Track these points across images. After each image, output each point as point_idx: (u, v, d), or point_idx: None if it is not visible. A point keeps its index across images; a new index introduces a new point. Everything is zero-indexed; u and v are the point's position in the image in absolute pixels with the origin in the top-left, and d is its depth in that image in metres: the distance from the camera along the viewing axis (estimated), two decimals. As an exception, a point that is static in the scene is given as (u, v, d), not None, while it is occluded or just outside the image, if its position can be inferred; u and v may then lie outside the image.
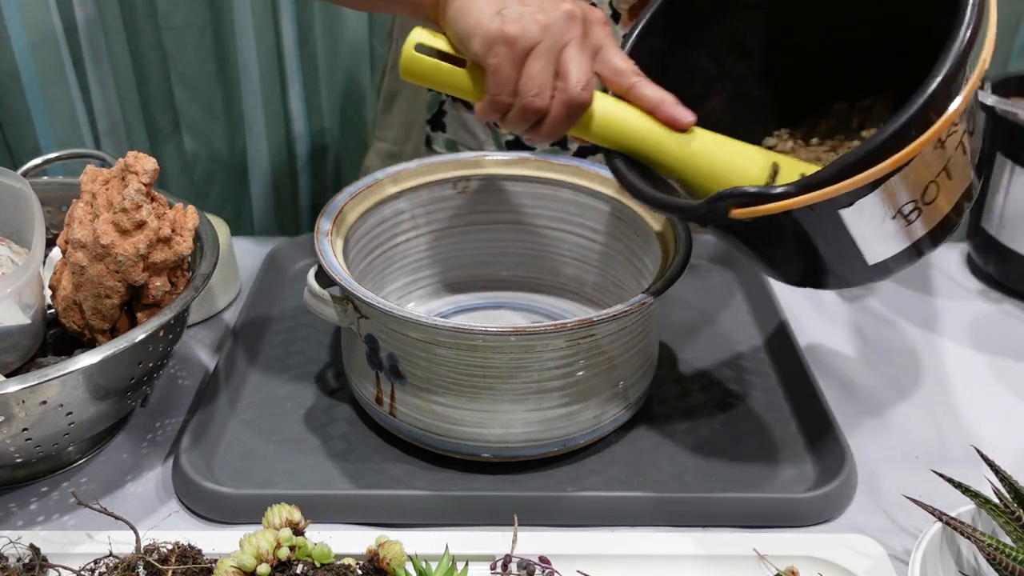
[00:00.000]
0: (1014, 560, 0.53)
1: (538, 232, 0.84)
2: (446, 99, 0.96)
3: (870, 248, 0.56)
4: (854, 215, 0.53)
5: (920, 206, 0.55)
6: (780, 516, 0.64)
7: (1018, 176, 0.89)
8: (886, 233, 0.55)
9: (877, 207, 0.53)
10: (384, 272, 0.80)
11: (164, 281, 0.67)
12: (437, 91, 0.95)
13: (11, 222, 0.71)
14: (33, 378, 0.57)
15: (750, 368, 0.81)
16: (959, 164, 0.55)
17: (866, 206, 0.53)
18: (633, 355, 0.68)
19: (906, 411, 0.77)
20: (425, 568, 0.54)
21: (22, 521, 0.64)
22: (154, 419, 0.74)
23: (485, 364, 0.63)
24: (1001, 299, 0.94)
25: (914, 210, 0.55)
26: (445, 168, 0.81)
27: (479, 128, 0.96)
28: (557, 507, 0.64)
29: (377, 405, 0.69)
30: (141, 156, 0.65)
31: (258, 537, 0.52)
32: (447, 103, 0.96)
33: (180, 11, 1.19)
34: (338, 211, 0.73)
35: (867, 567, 0.59)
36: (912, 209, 0.55)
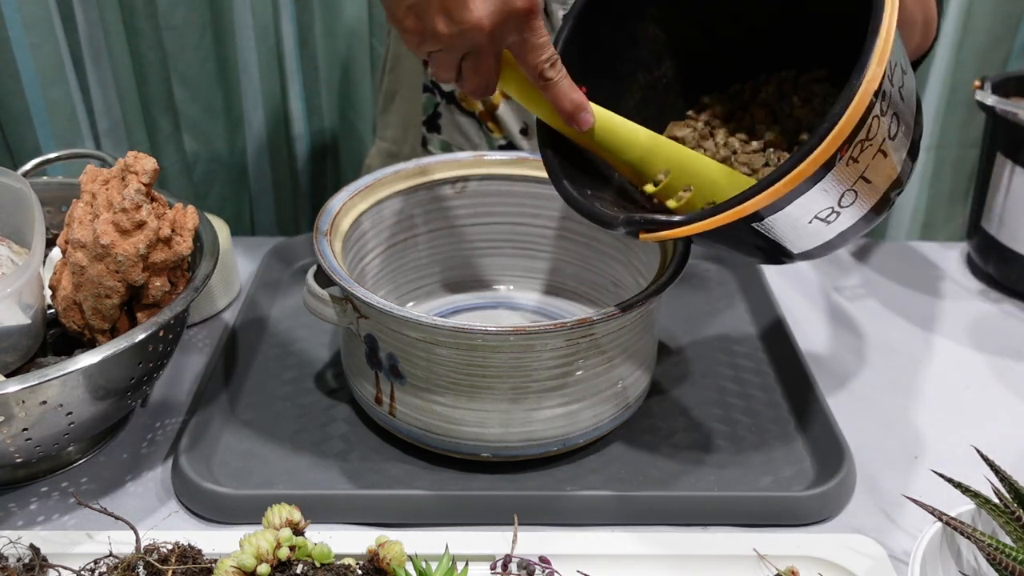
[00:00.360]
0: (1014, 560, 0.53)
1: (537, 232, 0.84)
2: (440, 101, 0.96)
3: (794, 244, 0.58)
4: (767, 224, 0.55)
5: (837, 210, 0.56)
6: (779, 515, 0.64)
7: (1018, 176, 0.89)
8: (807, 233, 0.57)
9: (789, 219, 0.55)
10: (383, 272, 0.81)
11: (164, 281, 0.67)
12: (432, 93, 0.96)
13: (11, 222, 0.71)
14: (33, 378, 0.57)
15: (749, 367, 0.81)
16: (878, 168, 0.55)
17: (777, 220, 0.55)
18: (632, 354, 0.68)
19: (906, 411, 0.77)
20: (425, 568, 0.54)
21: (22, 521, 0.64)
22: (154, 419, 0.74)
23: (484, 364, 0.63)
24: (1001, 299, 0.94)
25: (831, 214, 0.56)
26: (444, 168, 0.81)
27: (473, 131, 0.96)
28: (557, 507, 0.64)
29: (376, 405, 0.69)
30: (141, 156, 0.65)
31: (258, 537, 0.52)
32: (441, 105, 0.97)
33: (180, 11, 1.19)
34: (337, 211, 0.73)
35: (867, 567, 0.59)
36: (829, 213, 0.56)
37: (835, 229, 0.58)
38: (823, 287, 0.94)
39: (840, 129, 0.51)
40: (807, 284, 0.95)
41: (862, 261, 1.00)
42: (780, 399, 0.77)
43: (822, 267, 0.98)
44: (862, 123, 0.51)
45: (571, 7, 0.66)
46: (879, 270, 0.98)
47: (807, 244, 0.59)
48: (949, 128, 1.38)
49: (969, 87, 1.30)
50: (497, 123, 0.94)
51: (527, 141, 0.94)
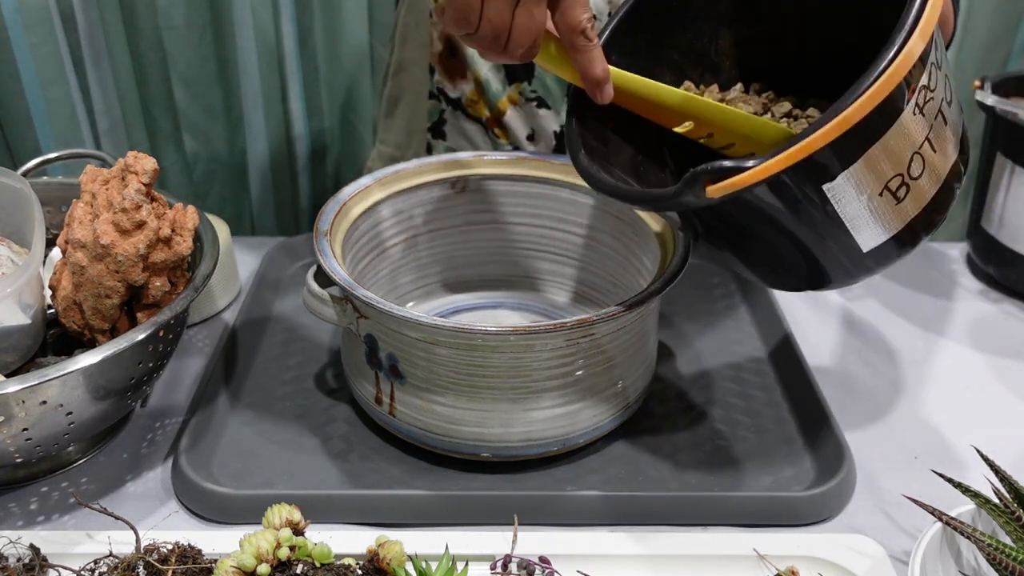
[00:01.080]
0: (1014, 560, 0.53)
1: (537, 232, 0.84)
2: (446, 108, 0.96)
3: (862, 231, 0.54)
4: (840, 190, 0.51)
5: (907, 181, 0.53)
6: (779, 515, 0.64)
7: (1018, 176, 0.89)
8: (876, 212, 0.53)
9: (863, 181, 0.51)
10: (383, 272, 0.81)
11: (164, 281, 0.67)
12: (437, 100, 0.96)
13: (11, 222, 0.71)
14: (33, 378, 0.57)
15: (749, 367, 0.81)
16: (942, 136, 0.53)
17: (851, 179, 0.51)
18: (632, 354, 0.68)
19: (906, 411, 0.77)
20: (425, 568, 0.54)
21: (22, 521, 0.64)
22: (154, 419, 0.74)
23: (484, 364, 0.63)
24: (1001, 299, 0.94)
25: (901, 185, 0.52)
26: (444, 168, 0.81)
27: (479, 137, 0.96)
28: (557, 507, 0.64)
29: (376, 405, 0.69)
30: (141, 156, 0.65)
31: (258, 537, 0.52)
32: (447, 112, 0.97)
33: (180, 11, 1.19)
34: (337, 211, 0.73)
35: (867, 567, 0.59)
36: (899, 184, 0.52)
37: (904, 215, 0.54)
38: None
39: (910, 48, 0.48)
40: (807, 284, 0.95)
41: (862, 261, 1.00)
42: (780, 399, 0.77)
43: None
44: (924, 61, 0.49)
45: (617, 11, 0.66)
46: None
47: (874, 235, 0.54)
48: (949, 128, 1.38)
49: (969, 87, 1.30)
50: (504, 129, 0.95)
51: (534, 147, 0.95)
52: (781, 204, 0.52)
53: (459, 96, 0.95)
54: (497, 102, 0.92)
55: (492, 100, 0.93)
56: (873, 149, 0.50)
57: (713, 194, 0.50)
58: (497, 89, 0.92)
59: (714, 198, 0.50)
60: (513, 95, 0.92)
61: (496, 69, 0.91)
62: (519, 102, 0.92)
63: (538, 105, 0.92)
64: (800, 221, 0.53)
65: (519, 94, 0.92)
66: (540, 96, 0.92)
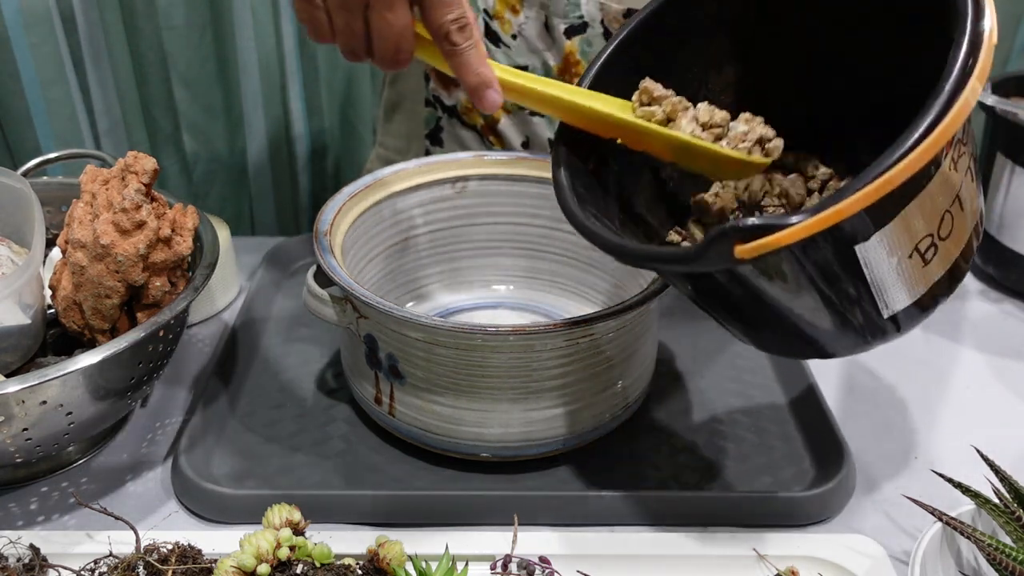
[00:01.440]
0: (1014, 560, 0.53)
1: (537, 232, 0.84)
2: (442, 115, 0.96)
3: (886, 294, 0.50)
4: (871, 251, 0.47)
5: (936, 241, 0.49)
6: (778, 515, 0.64)
7: (1018, 176, 0.89)
8: (903, 275, 0.49)
9: (895, 242, 0.47)
10: (383, 272, 0.80)
11: (164, 281, 0.67)
12: (433, 107, 0.96)
13: (11, 222, 0.71)
14: (33, 378, 0.57)
15: (748, 367, 0.81)
16: (969, 191, 0.51)
17: (883, 240, 0.47)
18: (632, 355, 0.68)
19: (906, 411, 0.77)
20: (425, 568, 0.54)
21: (22, 521, 0.64)
22: (154, 419, 0.74)
23: (484, 364, 0.63)
24: (1001, 299, 0.94)
25: (931, 247, 0.49)
26: (444, 168, 0.81)
27: (475, 145, 0.96)
28: (557, 507, 0.64)
29: (376, 405, 0.69)
30: (141, 156, 0.65)
31: (258, 537, 0.52)
32: (443, 119, 0.97)
33: (180, 11, 1.19)
34: (337, 211, 0.73)
35: (867, 567, 0.59)
36: (929, 245, 0.49)
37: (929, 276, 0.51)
38: (823, 287, 0.94)
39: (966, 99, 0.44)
40: (807, 284, 0.95)
41: (862, 261, 1.00)
42: (780, 399, 0.77)
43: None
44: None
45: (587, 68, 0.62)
46: (879, 270, 0.98)
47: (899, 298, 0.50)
48: (949, 128, 1.38)
49: (969, 87, 1.30)
50: (499, 137, 0.95)
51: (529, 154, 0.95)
52: (810, 266, 0.47)
53: (454, 104, 0.95)
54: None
55: None
56: (910, 207, 0.47)
57: (743, 255, 0.44)
58: None
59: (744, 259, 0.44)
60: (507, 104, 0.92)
61: None
62: (513, 110, 0.92)
63: (531, 113, 0.92)
64: (826, 285, 0.49)
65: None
66: None
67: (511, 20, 0.88)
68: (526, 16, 0.87)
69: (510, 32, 0.89)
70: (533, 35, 0.88)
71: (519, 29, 0.88)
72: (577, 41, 0.87)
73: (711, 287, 0.52)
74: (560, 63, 0.89)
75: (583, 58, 0.88)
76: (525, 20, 0.87)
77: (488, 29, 0.89)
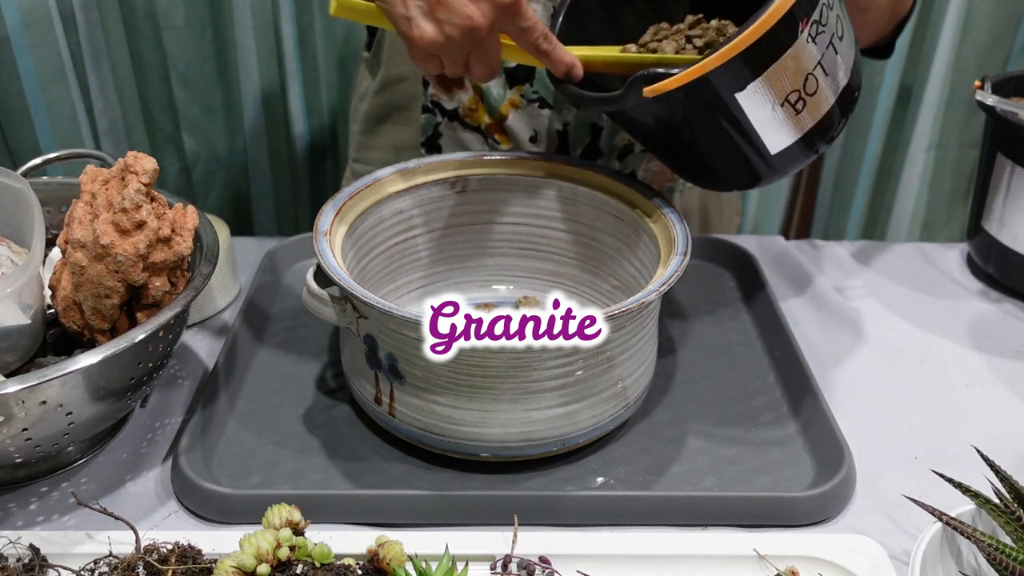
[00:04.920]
0: (1014, 560, 0.53)
1: (537, 232, 0.84)
2: (441, 120, 0.96)
3: (769, 135, 0.67)
4: (748, 99, 0.64)
5: (803, 96, 0.66)
6: (779, 515, 0.64)
7: (1018, 176, 0.89)
8: (779, 120, 0.66)
9: (766, 92, 0.64)
10: (383, 272, 0.80)
11: (164, 281, 0.67)
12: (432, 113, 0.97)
13: (11, 222, 0.71)
14: (33, 378, 0.57)
15: (749, 368, 0.81)
16: (832, 62, 0.67)
17: (758, 89, 0.64)
18: (632, 355, 0.68)
19: (906, 411, 0.77)
20: (425, 568, 0.54)
21: (22, 521, 0.64)
22: (154, 419, 0.74)
23: (484, 364, 0.63)
24: (1001, 299, 0.94)
25: (799, 100, 0.66)
26: (444, 168, 0.81)
27: (477, 146, 0.96)
28: (557, 507, 0.64)
29: (376, 405, 0.69)
30: (141, 156, 0.65)
31: (258, 537, 0.52)
32: (443, 124, 0.97)
33: (180, 11, 1.19)
34: (337, 211, 0.73)
35: (867, 567, 0.59)
36: (797, 99, 0.66)
37: (803, 124, 0.67)
38: (823, 287, 0.94)
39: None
40: (807, 284, 0.95)
41: (863, 261, 1.00)
42: (780, 399, 0.77)
43: (822, 267, 0.98)
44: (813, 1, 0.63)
45: None
46: (879, 270, 0.98)
47: (779, 139, 0.67)
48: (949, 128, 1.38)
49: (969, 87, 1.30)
50: (505, 134, 0.94)
51: (537, 148, 0.94)
52: (703, 107, 0.65)
53: (456, 107, 0.95)
54: (499, 107, 0.92)
55: (493, 106, 0.93)
56: (774, 66, 0.63)
57: (648, 94, 0.64)
58: (498, 94, 0.92)
59: (648, 98, 0.64)
60: (515, 98, 0.92)
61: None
62: (520, 104, 0.92)
63: (540, 106, 0.92)
64: (720, 123, 0.66)
65: (520, 96, 0.92)
66: (542, 96, 0.92)
67: None
68: (534, 8, 0.87)
69: None
70: None
71: None
72: None
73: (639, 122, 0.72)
74: None
75: None
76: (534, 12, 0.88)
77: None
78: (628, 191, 0.77)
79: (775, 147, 0.68)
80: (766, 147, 0.68)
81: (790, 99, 0.66)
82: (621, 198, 0.78)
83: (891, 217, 1.48)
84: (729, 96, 0.64)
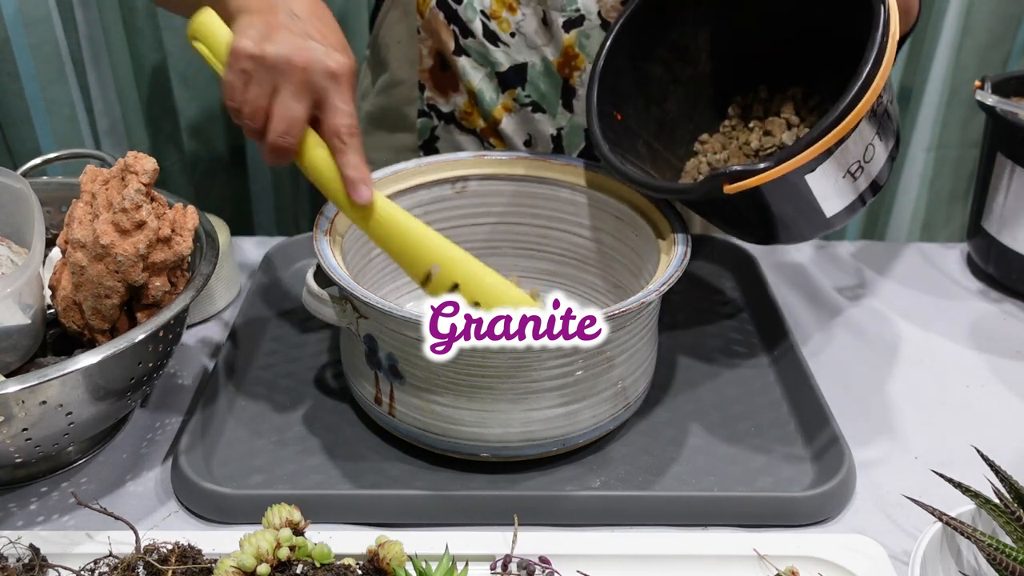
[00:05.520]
0: (1014, 560, 0.53)
1: (537, 232, 0.84)
2: (438, 124, 0.96)
3: (827, 203, 0.69)
4: (816, 179, 0.66)
5: (862, 164, 0.69)
6: (778, 515, 0.64)
7: (1018, 176, 0.89)
8: (839, 190, 0.69)
9: (832, 170, 0.66)
10: (383, 272, 0.80)
11: (164, 281, 0.67)
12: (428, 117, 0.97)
13: (11, 222, 0.71)
14: (33, 378, 0.57)
15: (749, 367, 0.81)
16: (887, 128, 0.70)
17: (825, 170, 0.66)
18: (632, 355, 0.68)
19: (906, 411, 0.77)
20: (425, 568, 0.54)
21: (22, 521, 0.64)
22: (154, 419, 0.74)
23: (484, 364, 0.63)
24: (1001, 299, 0.94)
25: (858, 169, 0.69)
26: (444, 168, 0.81)
27: (474, 149, 0.96)
28: (557, 507, 0.64)
29: (376, 405, 0.69)
30: (141, 156, 0.65)
31: (258, 537, 0.52)
32: (439, 128, 0.97)
33: (180, 11, 1.19)
34: (337, 211, 0.73)
35: (867, 567, 0.59)
36: (857, 168, 0.68)
37: (857, 188, 0.70)
38: (823, 287, 0.94)
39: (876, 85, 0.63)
40: (807, 284, 0.95)
41: (862, 261, 1.00)
42: (780, 399, 0.77)
43: (822, 267, 0.98)
44: None
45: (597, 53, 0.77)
46: (879, 270, 0.98)
47: (836, 205, 0.69)
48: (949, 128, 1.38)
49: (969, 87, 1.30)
50: (500, 138, 0.95)
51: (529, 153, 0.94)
52: (777, 193, 0.67)
53: (452, 110, 0.95)
54: (492, 111, 0.93)
55: (487, 110, 0.93)
56: (840, 149, 0.66)
57: (730, 191, 0.64)
58: (491, 98, 0.92)
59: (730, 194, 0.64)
60: (507, 102, 0.92)
61: (489, 78, 0.92)
62: (514, 108, 0.92)
63: (533, 110, 0.92)
64: (788, 201, 0.69)
65: (513, 100, 0.92)
66: (535, 101, 0.92)
67: (508, 19, 0.88)
68: (523, 13, 0.88)
69: (508, 31, 0.89)
70: (531, 31, 0.88)
71: (517, 27, 0.89)
72: (575, 34, 0.87)
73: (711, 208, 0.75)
74: (559, 57, 0.89)
75: (581, 51, 0.88)
76: (523, 17, 0.88)
77: (486, 29, 0.89)
78: (628, 191, 0.77)
79: (831, 211, 0.70)
80: (823, 212, 0.70)
81: (851, 170, 0.68)
82: (621, 198, 0.78)
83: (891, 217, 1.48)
84: (799, 179, 0.66)
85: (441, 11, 0.90)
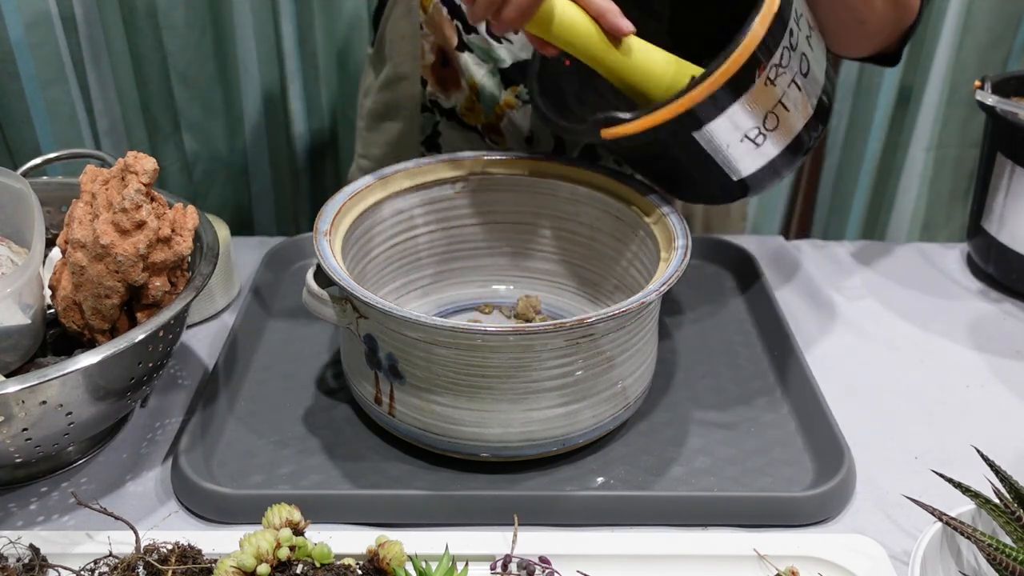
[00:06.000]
0: (1014, 560, 0.53)
1: (537, 232, 0.84)
2: (440, 119, 0.96)
3: (729, 165, 0.70)
4: (707, 138, 0.68)
5: (763, 131, 0.69)
6: (779, 515, 0.64)
7: (1018, 176, 0.89)
8: (741, 153, 0.69)
9: (723, 131, 0.67)
10: (383, 272, 0.81)
11: (164, 281, 0.67)
12: (431, 112, 0.97)
13: (11, 222, 0.71)
14: (33, 378, 0.57)
15: (749, 368, 0.81)
16: (794, 98, 0.69)
17: (714, 131, 0.67)
18: (632, 355, 0.68)
19: (906, 411, 0.77)
20: (425, 568, 0.54)
21: (22, 521, 0.64)
22: (154, 419, 0.74)
23: (484, 364, 0.63)
24: (1001, 299, 0.94)
25: (759, 135, 0.69)
26: (444, 168, 0.81)
27: (476, 145, 0.96)
28: (557, 507, 0.64)
29: (376, 405, 0.69)
30: (141, 156, 0.65)
31: (258, 537, 0.52)
32: (441, 123, 0.97)
33: (180, 11, 1.19)
34: (337, 211, 0.73)
35: (867, 567, 0.59)
36: (757, 134, 0.69)
37: (764, 154, 0.71)
38: (823, 287, 0.94)
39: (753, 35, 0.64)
40: (807, 284, 0.95)
41: (862, 261, 1.00)
42: (780, 399, 0.77)
43: (822, 267, 0.98)
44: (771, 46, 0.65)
45: None
46: (879, 270, 0.98)
47: (744, 166, 0.71)
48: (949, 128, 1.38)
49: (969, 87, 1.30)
50: (501, 135, 0.94)
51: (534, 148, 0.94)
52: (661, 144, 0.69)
53: (453, 106, 0.95)
54: (494, 107, 0.93)
55: (488, 105, 0.93)
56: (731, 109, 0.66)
57: (606, 136, 0.68)
58: (493, 94, 0.92)
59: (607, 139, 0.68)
60: (509, 99, 0.92)
61: (491, 74, 0.92)
62: (516, 105, 0.92)
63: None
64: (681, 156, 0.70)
65: (515, 97, 0.92)
66: None
67: None
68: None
69: None
70: None
71: None
72: None
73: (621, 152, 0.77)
74: None
75: None
76: None
77: (488, 25, 0.89)
78: (628, 191, 0.77)
79: (737, 175, 0.72)
80: (730, 174, 0.71)
81: (749, 135, 0.69)
82: (621, 198, 0.78)
83: (891, 217, 1.48)
84: (687, 136, 0.68)
85: (445, 6, 0.90)
